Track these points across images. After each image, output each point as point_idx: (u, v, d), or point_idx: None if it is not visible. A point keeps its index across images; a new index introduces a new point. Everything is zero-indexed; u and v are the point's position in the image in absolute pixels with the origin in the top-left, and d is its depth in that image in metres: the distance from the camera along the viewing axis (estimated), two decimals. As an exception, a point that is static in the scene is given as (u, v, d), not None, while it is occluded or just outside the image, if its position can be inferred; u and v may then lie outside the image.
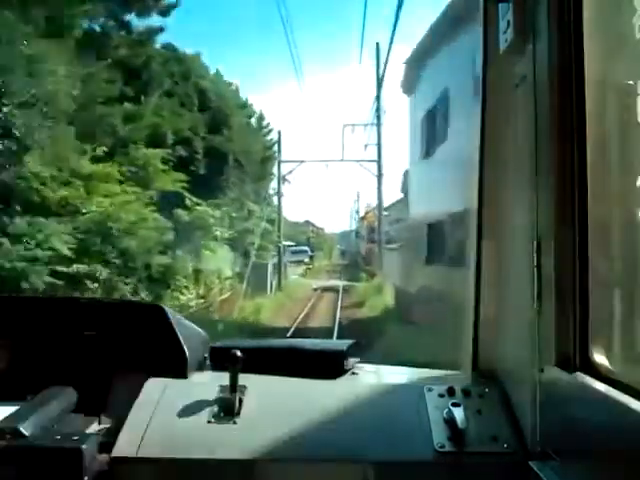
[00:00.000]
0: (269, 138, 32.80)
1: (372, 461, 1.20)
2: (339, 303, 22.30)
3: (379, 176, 27.05)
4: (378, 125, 26.85)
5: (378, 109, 26.53)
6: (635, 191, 0.99)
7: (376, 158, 27.14)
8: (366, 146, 28.41)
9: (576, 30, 1.04)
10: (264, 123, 33.18)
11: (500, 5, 1.20)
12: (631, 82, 1.02)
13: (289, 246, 53.87)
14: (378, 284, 22.91)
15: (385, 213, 28.52)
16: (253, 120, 32.35)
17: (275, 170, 30.33)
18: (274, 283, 26.05)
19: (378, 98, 26.26)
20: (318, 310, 21.06)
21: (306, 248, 51.26)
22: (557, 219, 1.05)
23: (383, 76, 24.54)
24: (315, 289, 28.82)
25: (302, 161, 29.06)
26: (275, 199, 31.61)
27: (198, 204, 20.28)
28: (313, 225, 69.34)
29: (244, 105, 30.36)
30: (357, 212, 55.72)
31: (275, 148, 31.86)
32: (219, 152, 24.40)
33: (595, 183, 1.03)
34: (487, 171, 1.35)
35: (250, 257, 23.63)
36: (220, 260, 21.25)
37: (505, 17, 1.18)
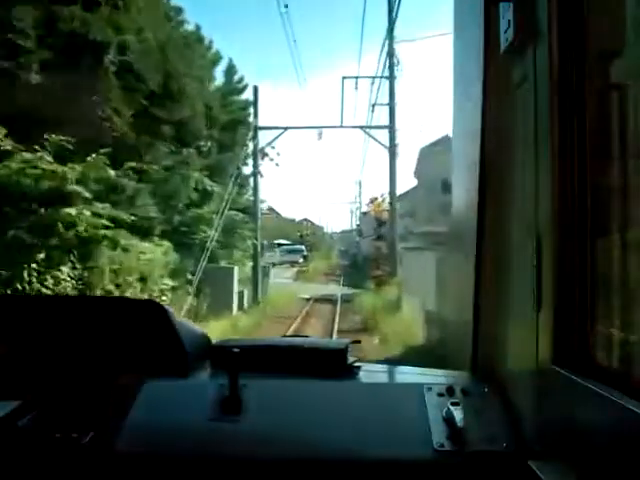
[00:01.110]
0: (243, 98, 24.00)
1: (371, 460, 1.20)
2: (335, 326, 14.84)
3: (392, 147, 19.52)
4: (391, 76, 19.07)
5: (390, 52, 18.46)
6: (636, 191, 0.99)
7: (387, 123, 19.65)
8: (374, 106, 20.71)
9: (577, 30, 1.04)
10: (236, 78, 24.03)
11: (501, 5, 1.20)
12: (632, 82, 1.02)
13: (281, 245, 48.99)
14: (392, 297, 16.59)
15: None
16: (221, 77, 22.71)
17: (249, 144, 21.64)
18: (247, 294, 19.47)
19: (390, 32, 18.24)
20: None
21: (301, 247, 46.53)
22: (557, 219, 1.05)
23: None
24: (307, 299, 22.04)
25: (286, 128, 21.35)
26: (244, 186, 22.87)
27: (23, 149, 10.29)
28: (311, 223, 64.83)
29: (200, 39, 20.37)
30: (358, 208, 49.85)
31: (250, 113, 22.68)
32: (89, 43, 12.29)
33: (596, 183, 1.04)
34: (487, 171, 1.35)
35: (211, 259, 16.78)
36: (150, 262, 14.00)
37: (505, 17, 1.18)
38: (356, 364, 1.51)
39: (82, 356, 1.45)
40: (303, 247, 47.62)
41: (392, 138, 19.55)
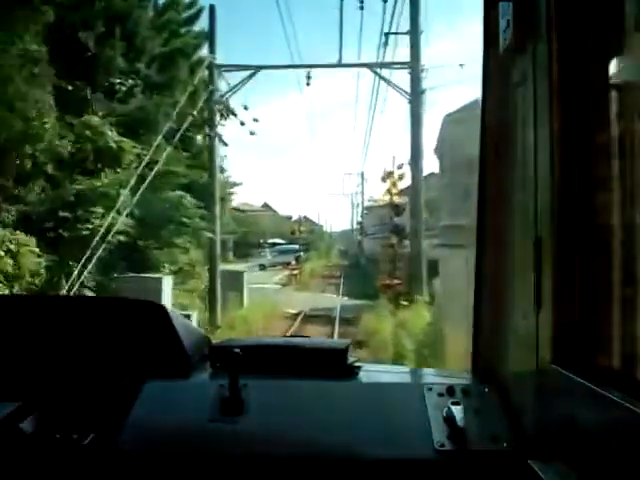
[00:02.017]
0: (197, 29, 16.84)
1: (372, 460, 1.20)
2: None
3: (415, 93, 13.60)
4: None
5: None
6: (636, 191, 0.99)
7: (408, 59, 13.86)
8: (387, 36, 14.56)
9: (576, 29, 1.04)
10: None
11: (500, 4, 1.20)
12: (631, 81, 1.02)
13: (275, 244, 44.52)
14: (423, 326, 10.22)
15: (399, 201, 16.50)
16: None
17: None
18: (195, 317, 12.32)
19: None
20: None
21: (296, 247, 41.14)
22: (557, 219, 1.05)
23: None
24: (294, 315, 16.20)
25: (258, 67, 15.34)
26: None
27: None
28: (308, 219, 60.17)
29: None
30: (359, 204, 45.67)
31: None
32: None
33: (596, 182, 1.04)
34: (487, 170, 1.35)
35: (142, 264, 11.86)
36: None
37: (505, 16, 1.18)
38: (356, 364, 1.51)
39: (83, 357, 1.45)
40: (298, 247, 41.86)
41: (415, 80, 13.45)
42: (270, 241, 46.40)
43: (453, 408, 1.22)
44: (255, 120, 15.74)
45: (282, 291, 23.50)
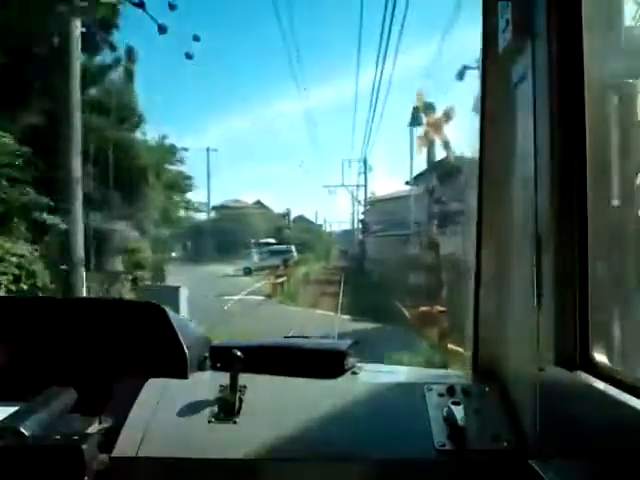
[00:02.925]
0: None
1: (372, 460, 1.20)
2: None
3: None
4: None
5: None
6: (635, 190, 0.99)
7: None
8: None
9: (575, 29, 1.04)
10: None
11: (500, 4, 1.20)
12: (630, 81, 1.02)
13: (267, 244, 39.72)
14: None
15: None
16: None
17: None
18: None
19: None
20: None
21: (289, 247, 36.25)
22: (557, 218, 1.05)
23: None
24: None
25: None
26: None
27: None
28: (308, 220, 55.14)
29: None
30: (359, 202, 40.52)
31: None
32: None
33: (595, 182, 1.04)
34: (487, 170, 1.35)
35: None
36: None
37: (504, 16, 1.18)
38: (357, 365, 1.51)
39: (83, 358, 1.45)
40: (286, 247, 36.40)
41: None
42: (262, 241, 41.54)
43: (453, 408, 1.22)
44: (195, 39, 10.76)
45: (262, 306, 17.17)
